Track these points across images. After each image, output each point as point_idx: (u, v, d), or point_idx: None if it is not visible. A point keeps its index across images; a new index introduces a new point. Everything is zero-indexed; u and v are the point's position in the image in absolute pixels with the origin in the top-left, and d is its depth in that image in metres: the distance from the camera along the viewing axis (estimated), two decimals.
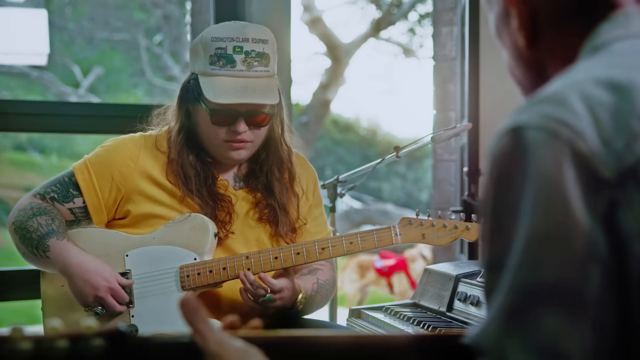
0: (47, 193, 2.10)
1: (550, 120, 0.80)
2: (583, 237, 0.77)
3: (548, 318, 0.77)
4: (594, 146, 0.78)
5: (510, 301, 0.79)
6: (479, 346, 0.82)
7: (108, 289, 1.99)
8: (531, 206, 0.79)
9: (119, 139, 2.15)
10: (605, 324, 0.77)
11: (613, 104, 0.80)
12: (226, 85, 2.00)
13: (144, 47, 11.71)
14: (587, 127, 0.78)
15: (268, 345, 0.89)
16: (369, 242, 2.05)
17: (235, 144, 2.05)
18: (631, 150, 0.78)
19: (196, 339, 0.87)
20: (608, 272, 0.77)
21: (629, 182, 0.77)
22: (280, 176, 2.15)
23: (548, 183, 0.78)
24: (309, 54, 15.61)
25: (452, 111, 4.90)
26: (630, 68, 0.84)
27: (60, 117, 3.03)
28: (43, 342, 0.82)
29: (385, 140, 13.73)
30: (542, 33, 0.95)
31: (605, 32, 0.90)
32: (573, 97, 0.81)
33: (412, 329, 2.12)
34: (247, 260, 2.01)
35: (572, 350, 0.76)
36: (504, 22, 0.99)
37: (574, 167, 0.78)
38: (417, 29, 12.22)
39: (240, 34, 2.01)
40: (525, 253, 0.79)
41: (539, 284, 0.78)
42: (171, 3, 11.76)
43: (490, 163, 0.83)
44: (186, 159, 2.08)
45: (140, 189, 2.07)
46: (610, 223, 0.77)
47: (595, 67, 0.86)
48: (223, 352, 0.85)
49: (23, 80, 11.14)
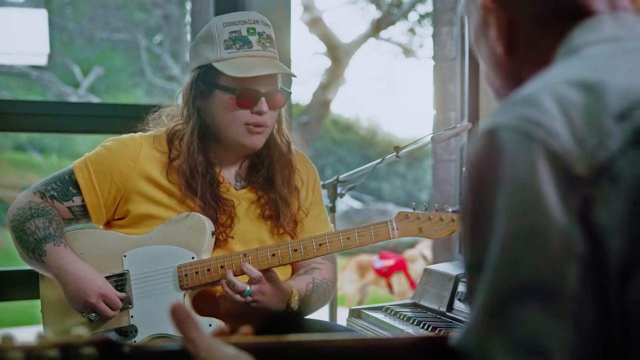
0: (47, 191, 2.10)
1: (523, 121, 0.81)
2: (560, 234, 0.78)
3: (528, 316, 0.78)
4: (567, 145, 0.80)
5: (491, 301, 0.81)
6: (463, 348, 0.83)
7: (100, 296, 1.99)
8: (507, 206, 0.80)
9: (119, 138, 2.15)
10: (585, 319, 0.78)
11: (585, 103, 0.81)
12: (250, 62, 2.03)
13: (144, 47, 11.72)
14: (560, 127, 0.80)
15: (259, 351, 0.89)
16: (366, 237, 2.04)
17: (256, 128, 2.06)
18: (604, 148, 0.79)
19: (187, 346, 0.87)
20: (586, 268, 0.78)
21: (602, 178, 0.79)
22: (281, 169, 2.15)
23: (523, 182, 0.79)
24: (309, 54, 15.64)
25: (452, 111, 4.90)
26: (601, 69, 0.85)
27: (60, 117, 3.03)
28: (33, 351, 0.81)
29: (385, 140, 13.74)
30: (519, 41, 0.97)
31: (578, 37, 0.92)
32: (546, 98, 0.82)
33: (412, 329, 2.12)
34: (245, 258, 2.01)
35: (554, 346, 0.77)
36: (482, 31, 1.01)
37: (548, 166, 0.79)
38: (417, 29, 12.24)
39: (250, 17, 2.07)
40: (503, 253, 0.80)
41: (518, 283, 0.79)
42: (171, 3, 11.77)
43: (468, 166, 0.85)
44: (195, 159, 2.07)
45: (139, 189, 2.07)
46: (586, 220, 0.78)
47: (567, 69, 0.88)
48: (214, 358, 0.85)
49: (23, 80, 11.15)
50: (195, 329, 0.87)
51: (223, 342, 0.88)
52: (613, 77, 0.83)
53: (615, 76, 0.84)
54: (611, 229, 0.78)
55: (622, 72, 0.85)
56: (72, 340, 0.83)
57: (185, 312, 0.87)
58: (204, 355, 0.85)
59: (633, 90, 0.82)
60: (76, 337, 0.83)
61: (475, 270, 0.84)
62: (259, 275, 1.96)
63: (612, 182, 0.78)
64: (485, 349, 0.80)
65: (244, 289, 1.96)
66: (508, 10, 0.97)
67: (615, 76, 0.84)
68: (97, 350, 0.83)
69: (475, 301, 0.83)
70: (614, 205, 0.78)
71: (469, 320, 0.84)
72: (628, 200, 0.78)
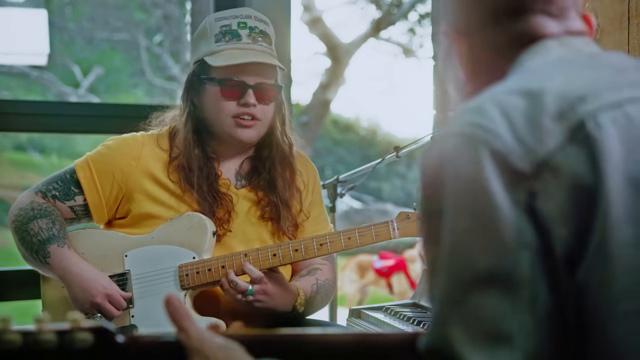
0: (48, 191, 2.10)
1: (468, 126, 0.89)
2: (510, 225, 0.84)
3: (487, 303, 0.83)
4: (509, 143, 0.87)
5: (448, 294, 0.86)
6: (429, 347, 0.86)
7: (105, 296, 2.00)
8: (456, 204, 0.86)
9: (120, 137, 2.16)
10: (540, 302, 0.84)
11: (525, 107, 0.89)
12: (235, 53, 2.04)
13: (144, 47, 11.71)
14: (502, 128, 0.88)
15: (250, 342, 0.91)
16: (367, 237, 2.05)
17: (245, 121, 2.05)
18: (543, 144, 0.86)
19: (179, 336, 0.90)
20: (536, 255, 0.84)
21: (543, 172, 0.85)
22: (282, 172, 2.15)
23: (471, 181, 0.86)
24: (309, 54, 15.61)
25: (452, 111, 4.90)
26: (541, 79, 0.93)
27: (60, 117, 3.03)
28: (30, 334, 0.83)
29: (385, 140, 13.73)
30: (479, 66, 1.06)
31: (525, 59, 1.01)
32: (489, 105, 0.90)
33: (412, 329, 2.12)
34: (246, 258, 2.01)
35: (513, 330, 0.83)
36: (448, 57, 1.11)
37: (493, 164, 0.86)
38: (417, 29, 12.23)
39: (243, 12, 2.09)
40: (455, 247, 0.86)
41: (474, 274, 0.84)
42: (171, 3, 11.76)
43: (420, 173, 0.92)
44: (192, 152, 2.08)
45: (141, 188, 2.07)
46: (532, 211, 0.85)
47: (510, 81, 0.97)
48: (204, 347, 0.89)
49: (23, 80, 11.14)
50: (187, 318, 0.90)
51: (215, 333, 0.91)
52: (551, 83, 0.91)
53: (553, 82, 0.91)
54: (555, 219, 0.84)
55: (560, 78, 0.92)
56: (69, 325, 0.84)
57: (178, 302, 0.91)
58: (195, 344, 0.89)
59: (570, 92, 0.89)
60: (71, 321, 0.84)
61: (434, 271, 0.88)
62: (259, 276, 1.97)
63: (553, 175, 0.85)
64: (448, 341, 0.84)
65: (246, 288, 1.96)
66: (468, 38, 1.05)
67: (552, 82, 0.91)
68: (93, 336, 0.84)
69: (435, 298, 0.87)
70: (556, 196, 0.85)
71: (432, 319, 0.87)
72: (569, 191, 0.84)
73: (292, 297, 2.02)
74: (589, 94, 0.89)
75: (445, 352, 0.84)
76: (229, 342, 0.90)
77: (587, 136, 0.86)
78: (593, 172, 0.85)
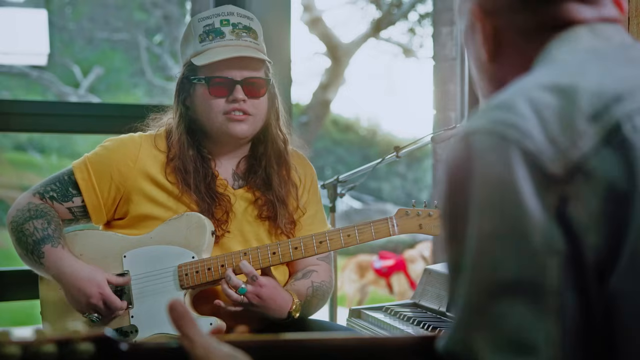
0: (46, 192, 2.10)
1: (498, 124, 0.84)
2: (539, 231, 0.80)
3: (512, 311, 0.80)
4: (541, 144, 0.82)
5: (473, 299, 0.82)
6: (449, 351, 0.84)
7: (100, 296, 1.99)
8: (484, 206, 0.82)
9: (118, 138, 2.15)
10: (568, 312, 0.80)
11: (558, 105, 0.85)
12: (219, 51, 2.05)
13: (144, 47, 11.70)
14: (534, 128, 0.83)
15: (255, 349, 0.89)
16: (367, 234, 2.04)
17: (236, 116, 2.05)
18: (576, 147, 0.82)
19: (184, 343, 0.87)
20: (566, 263, 0.80)
21: (576, 176, 0.81)
22: (278, 169, 2.15)
23: (500, 182, 0.82)
24: (309, 54, 15.59)
25: (452, 111, 4.90)
26: (573, 74, 0.89)
27: (60, 117, 3.03)
28: (30, 346, 0.81)
29: (385, 140, 13.72)
30: (503, 48, 1.01)
31: (554, 48, 0.96)
32: (520, 101, 0.86)
33: (412, 329, 2.12)
34: (245, 257, 2.01)
35: (539, 340, 0.79)
36: (470, 34, 1.05)
37: (524, 165, 0.82)
38: (417, 29, 12.22)
39: (225, 10, 2.09)
40: (482, 251, 0.82)
41: (500, 280, 0.81)
42: (171, 3, 11.76)
43: (444, 171, 0.88)
44: (186, 153, 2.08)
45: (139, 189, 2.07)
46: (562, 216, 0.81)
47: (541, 75, 0.92)
48: (209, 356, 0.86)
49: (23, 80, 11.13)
50: (192, 325, 0.88)
51: (219, 340, 0.89)
52: (585, 81, 0.86)
53: (587, 79, 0.87)
54: (587, 226, 0.80)
55: (594, 75, 0.88)
56: (69, 335, 0.83)
57: (182, 309, 0.88)
58: (200, 352, 0.86)
59: (605, 91, 0.85)
60: (72, 332, 0.83)
61: (456, 272, 0.85)
62: (251, 273, 1.97)
63: (586, 179, 0.81)
64: (472, 348, 0.81)
65: (239, 285, 1.96)
66: (493, 18, 1.00)
67: (587, 79, 0.87)
68: (94, 346, 0.83)
69: (457, 302, 0.84)
70: (589, 202, 0.81)
71: (453, 322, 0.84)
72: (602, 197, 0.81)
73: (287, 304, 2.02)
74: (625, 94, 0.85)
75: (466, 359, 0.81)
76: (234, 351, 0.88)
77: (623, 139, 0.82)
78: (628, 178, 0.81)
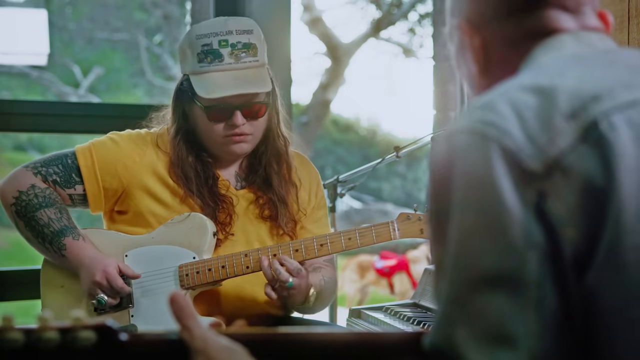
0: (49, 175, 2.08)
1: (479, 123, 0.87)
2: (518, 225, 0.83)
3: (492, 304, 0.82)
4: (520, 142, 0.85)
5: (454, 293, 0.84)
6: (433, 346, 0.85)
7: (104, 274, 2.00)
8: (464, 202, 0.84)
9: (126, 133, 2.15)
10: (547, 305, 0.82)
11: (537, 105, 0.87)
12: (217, 80, 2.01)
13: (144, 47, 11.71)
14: (513, 126, 0.86)
15: (253, 342, 0.90)
16: (368, 238, 2.05)
17: (236, 137, 2.05)
18: (555, 144, 0.84)
19: (183, 335, 0.89)
20: (545, 257, 0.83)
21: (554, 173, 0.84)
22: (278, 169, 2.15)
23: (480, 179, 0.84)
24: (309, 54, 15.60)
25: (452, 111, 4.90)
26: (553, 75, 0.91)
27: (60, 117, 3.03)
28: (33, 333, 0.83)
29: (385, 140, 13.73)
30: (492, 61, 1.04)
31: (540, 54, 0.99)
32: (500, 102, 0.89)
33: (412, 329, 2.12)
34: (246, 258, 2.01)
35: (519, 332, 0.81)
36: (460, 54, 1.08)
37: (503, 163, 0.84)
38: (417, 29, 12.23)
39: (223, 28, 2.03)
40: (462, 246, 0.84)
41: (480, 273, 0.83)
42: (171, 3, 11.76)
43: (429, 171, 0.90)
44: (185, 160, 2.08)
45: (144, 185, 2.07)
46: (541, 212, 0.83)
47: (522, 77, 0.94)
48: (208, 348, 0.88)
49: (23, 80, 11.13)
50: (191, 317, 0.90)
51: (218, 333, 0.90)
52: (564, 81, 0.89)
53: (567, 80, 0.89)
54: (565, 220, 0.83)
55: (574, 76, 0.90)
56: (72, 324, 0.84)
57: (183, 301, 0.90)
58: (198, 344, 0.88)
59: (583, 91, 0.87)
60: (74, 319, 0.83)
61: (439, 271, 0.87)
62: (297, 267, 1.97)
63: (564, 175, 0.83)
64: (453, 341, 0.83)
65: (287, 279, 1.96)
66: (481, 32, 1.03)
67: (566, 80, 0.89)
68: (96, 334, 0.84)
69: (440, 297, 0.86)
70: (567, 197, 0.83)
71: (437, 318, 0.86)
72: (579, 192, 0.83)
73: (308, 290, 2.04)
74: (603, 93, 0.87)
75: (449, 352, 0.83)
76: (233, 344, 0.89)
77: (600, 137, 0.84)
78: (605, 174, 0.83)
